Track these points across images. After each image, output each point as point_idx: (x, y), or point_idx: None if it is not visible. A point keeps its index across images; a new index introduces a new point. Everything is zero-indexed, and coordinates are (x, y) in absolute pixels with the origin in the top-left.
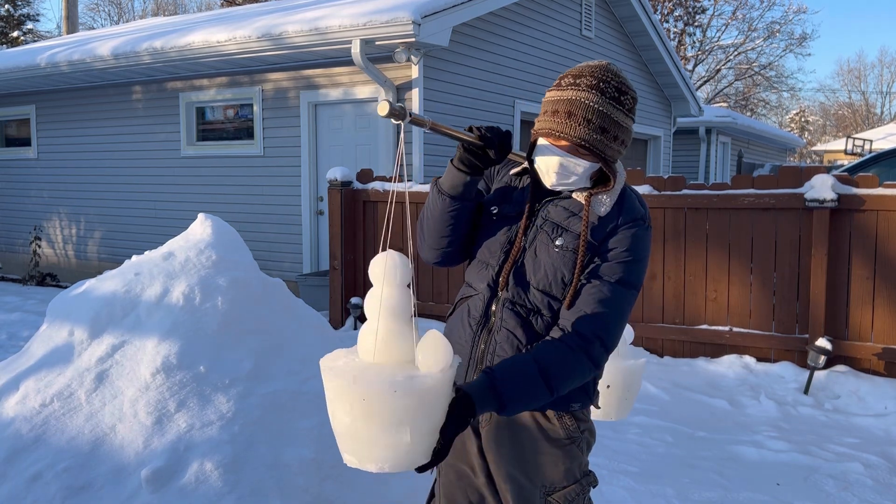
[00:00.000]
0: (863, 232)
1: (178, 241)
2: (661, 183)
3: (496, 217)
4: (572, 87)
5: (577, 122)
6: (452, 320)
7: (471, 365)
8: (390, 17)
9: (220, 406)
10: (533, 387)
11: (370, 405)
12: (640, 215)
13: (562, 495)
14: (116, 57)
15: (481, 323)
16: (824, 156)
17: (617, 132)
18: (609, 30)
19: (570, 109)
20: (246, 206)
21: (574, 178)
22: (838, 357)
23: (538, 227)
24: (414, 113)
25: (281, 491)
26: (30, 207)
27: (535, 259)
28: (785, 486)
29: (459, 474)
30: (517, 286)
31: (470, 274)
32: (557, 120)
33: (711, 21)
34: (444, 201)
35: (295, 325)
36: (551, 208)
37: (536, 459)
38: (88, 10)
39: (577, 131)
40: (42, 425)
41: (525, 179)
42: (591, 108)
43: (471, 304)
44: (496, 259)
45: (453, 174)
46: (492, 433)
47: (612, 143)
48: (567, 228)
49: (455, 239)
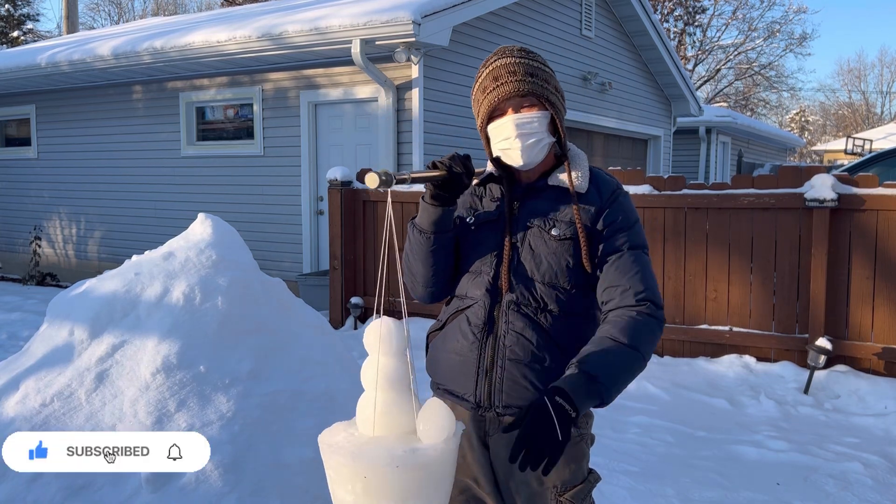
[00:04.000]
0: (863, 232)
1: (178, 240)
2: (661, 183)
3: (474, 226)
4: (484, 67)
5: (504, 80)
6: (446, 335)
7: (479, 373)
8: (390, 16)
9: (220, 406)
10: (628, 359)
11: (372, 482)
12: (615, 185)
13: (573, 494)
14: (117, 57)
15: (485, 330)
16: (824, 156)
17: (545, 76)
18: (609, 30)
19: (494, 76)
20: (246, 206)
21: (535, 138)
22: (838, 357)
23: (525, 222)
24: (395, 175)
25: (281, 491)
26: (30, 207)
27: (533, 254)
28: (785, 486)
29: (461, 488)
30: (521, 285)
31: (462, 286)
32: (489, 91)
33: (711, 21)
34: (426, 239)
35: (295, 325)
36: (533, 202)
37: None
38: (88, 10)
39: (510, 86)
40: (42, 425)
41: (490, 187)
42: (508, 65)
43: (469, 313)
44: (489, 265)
45: (429, 211)
46: (502, 441)
47: (546, 84)
48: (558, 217)
49: (445, 269)
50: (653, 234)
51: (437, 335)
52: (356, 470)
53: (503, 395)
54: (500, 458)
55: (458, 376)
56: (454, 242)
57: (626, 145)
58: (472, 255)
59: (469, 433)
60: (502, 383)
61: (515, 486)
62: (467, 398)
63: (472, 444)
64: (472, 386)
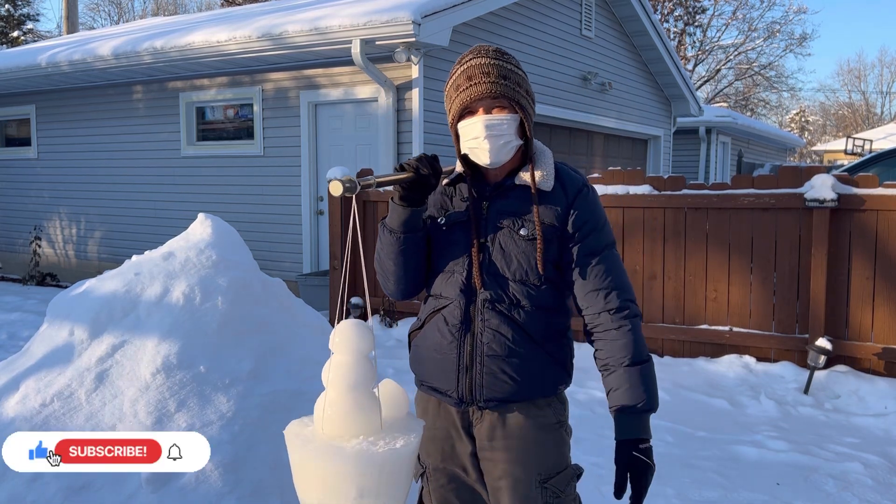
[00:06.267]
0: (863, 232)
1: (178, 241)
2: (661, 183)
3: (445, 227)
4: (459, 65)
5: (478, 80)
6: (426, 334)
7: (460, 370)
8: (390, 16)
9: (220, 406)
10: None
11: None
12: (581, 182)
13: (556, 481)
14: (117, 57)
15: (462, 329)
16: (824, 156)
17: (517, 79)
18: (609, 30)
19: (468, 76)
20: (246, 206)
21: (503, 140)
22: (838, 357)
23: (495, 222)
24: (359, 181)
25: (281, 491)
26: (30, 207)
27: (503, 253)
28: (785, 486)
29: (450, 477)
30: (494, 284)
31: (436, 286)
32: (462, 90)
33: (711, 21)
34: (397, 239)
35: (295, 325)
36: (502, 202)
37: (531, 450)
38: (88, 10)
39: (483, 87)
40: (42, 425)
41: (460, 187)
42: (483, 65)
43: (446, 313)
44: (462, 265)
45: (399, 212)
46: (485, 432)
47: (518, 88)
48: (527, 217)
49: (416, 267)
50: (653, 234)
51: (417, 334)
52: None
53: (484, 389)
54: (485, 450)
55: (440, 374)
56: (425, 241)
57: (626, 145)
58: (444, 255)
59: (456, 425)
60: (482, 378)
61: (499, 475)
62: (451, 394)
63: (459, 435)
64: (454, 383)
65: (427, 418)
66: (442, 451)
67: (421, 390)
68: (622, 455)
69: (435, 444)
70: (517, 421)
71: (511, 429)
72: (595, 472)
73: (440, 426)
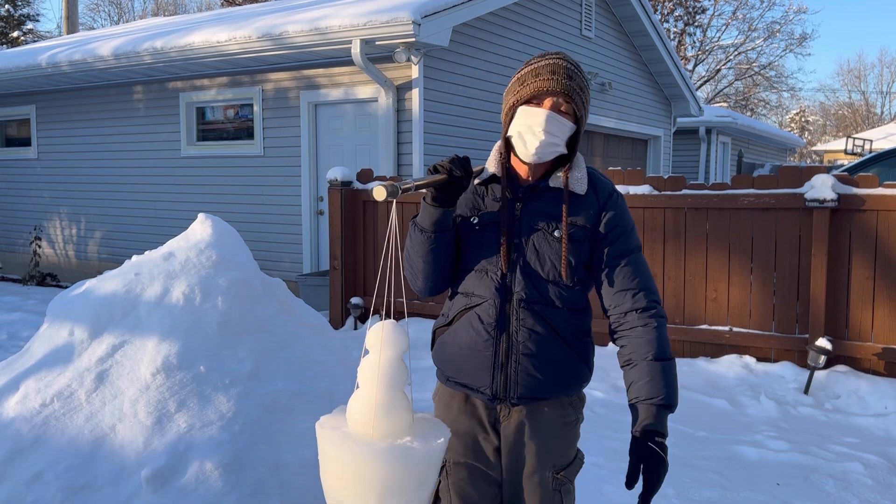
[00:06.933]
0: (863, 232)
1: (178, 241)
2: (661, 183)
3: (478, 226)
4: (545, 58)
5: (561, 77)
6: (456, 331)
7: (495, 368)
8: (390, 17)
9: (220, 406)
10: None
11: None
12: (611, 187)
13: (566, 472)
14: (117, 57)
15: (497, 327)
16: (824, 156)
17: (586, 97)
18: (609, 30)
19: (552, 70)
20: (246, 206)
21: (555, 140)
22: (838, 357)
23: (529, 223)
24: (401, 186)
25: (281, 491)
26: (30, 207)
27: (538, 254)
28: (785, 486)
29: (471, 471)
30: (529, 283)
31: (467, 285)
32: (543, 79)
33: (711, 21)
34: (427, 238)
35: (295, 325)
36: (536, 203)
37: (554, 445)
38: (88, 10)
39: (563, 85)
40: (42, 425)
41: (492, 187)
42: (567, 69)
43: (479, 311)
44: (496, 265)
45: (431, 212)
46: (512, 428)
47: (585, 104)
48: (561, 218)
49: (445, 266)
50: (653, 234)
51: (444, 331)
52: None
53: (518, 386)
54: (509, 444)
55: (472, 371)
56: (454, 240)
57: (626, 145)
58: (477, 255)
59: (482, 421)
60: (517, 375)
61: (520, 467)
62: (484, 391)
63: (485, 430)
64: (488, 380)
65: (451, 413)
66: (465, 446)
67: (446, 385)
68: (637, 446)
69: (458, 438)
70: (544, 417)
71: (537, 425)
72: (595, 472)
73: (465, 421)
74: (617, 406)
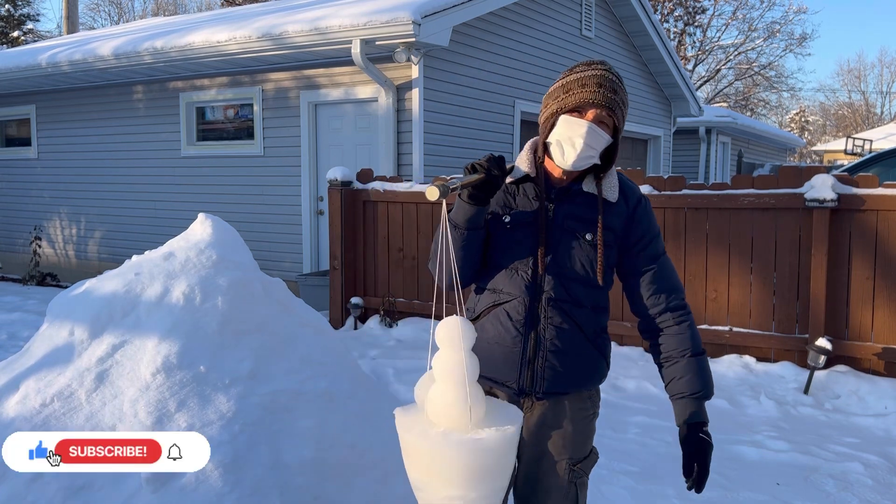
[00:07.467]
0: (863, 232)
1: (178, 241)
2: (661, 183)
3: (510, 225)
4: (591, 68)
5: (606, 90)
6: (483, 326)
7: (523, 363)
8: (390, 17)
9: (220, 406)
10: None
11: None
12: (639, 192)
13: (582, 465)
14: (117, 57)
15: (526, 324)
16: (824, 156)
17: (624, 112)
18: (609, 30)
19: (599, 83)
20: (246, 206)
21: (592, 153)
22: (838, 357)
23: (561, 224)
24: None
25: (281, 491)
26: (30, 207)
27: (569, 256)
28: (785, 486)
29: None
30: (559, 283)
31: (496, 282)
32: (589, 90)
33: (711, 21)
34: (461, 234)
35: (295, 325)
36: (568, 206)
37: (572, 438)
38: (88, 10)
39: (607, 98)
40: (42, 425)
41: (524, 187)
42: (615, 81)
43: (508, 308)
44: (527, 264)
45: (465, 209)
46: (535, 421)
47: (623, 120)
48: (593, 222)
49: (475, 262)
50: None
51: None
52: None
53: (545, 381)
54: (531, 435)
55: (500, 366)
56: (484, 239)
57: (626, 145)
58: (507, 253)
59: None
60: (544, 371)
61: (538, 458)
62: (510, 385)
63: None
64: (515, 375)
65: None
66: None
67: None
68: (691, 437)
69: None
70: (565, 411)
71: (559, 418)
72: (595, 471)
73: None
74: (617, 406)
